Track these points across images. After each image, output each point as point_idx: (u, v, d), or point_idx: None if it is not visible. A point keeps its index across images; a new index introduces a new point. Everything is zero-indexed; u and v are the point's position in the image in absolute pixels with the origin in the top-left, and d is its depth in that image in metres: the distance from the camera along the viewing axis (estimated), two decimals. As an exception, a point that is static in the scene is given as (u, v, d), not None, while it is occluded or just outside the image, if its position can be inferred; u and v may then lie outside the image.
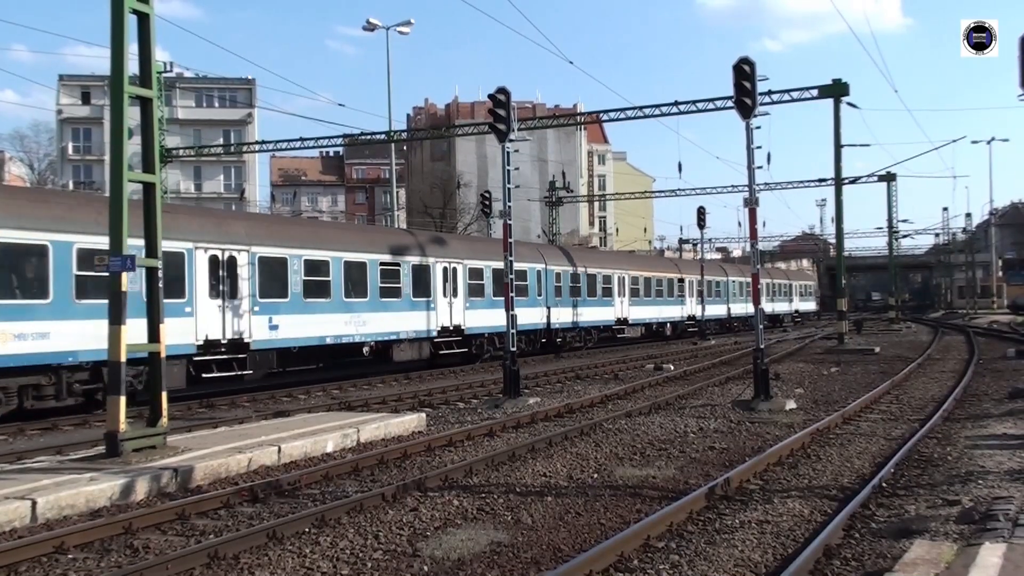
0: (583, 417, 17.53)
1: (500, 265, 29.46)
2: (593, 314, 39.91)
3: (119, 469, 11.23)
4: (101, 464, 11.60)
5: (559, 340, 37.12)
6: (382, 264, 26.87)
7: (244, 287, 22.12)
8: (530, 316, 33.77)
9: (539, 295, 34.91)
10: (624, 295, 42.97)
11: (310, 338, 24.01)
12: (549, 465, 12.49)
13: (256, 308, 22.35)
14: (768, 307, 60.32)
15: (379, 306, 26.58)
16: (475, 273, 31.45)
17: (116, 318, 12.23)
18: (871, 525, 8.88)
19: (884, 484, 10.61)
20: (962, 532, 8.17)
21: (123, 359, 12.15)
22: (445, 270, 29.90)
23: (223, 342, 21.52)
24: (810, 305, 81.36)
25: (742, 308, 59.24)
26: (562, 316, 36.95)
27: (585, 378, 26.30)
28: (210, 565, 7.92)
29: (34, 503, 9.51)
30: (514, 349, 20.35)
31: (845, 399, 19.53)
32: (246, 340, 22.06)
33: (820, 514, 9.52)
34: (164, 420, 12.92)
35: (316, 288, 24.23)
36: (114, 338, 12.18)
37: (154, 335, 13.08)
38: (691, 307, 51.45)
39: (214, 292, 21.29)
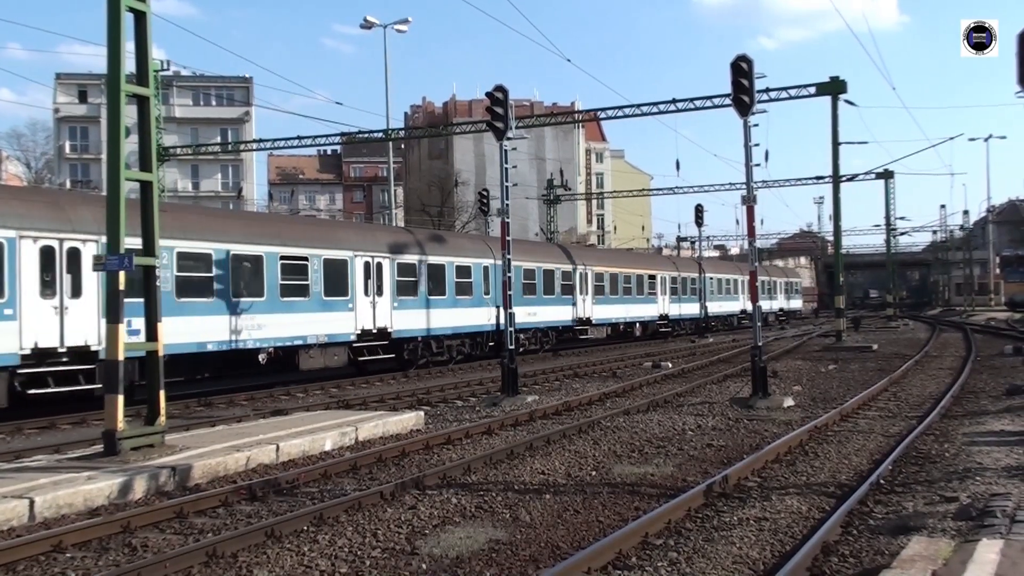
0: (581, 415, 17.53)
1: (438, 260, 29.77)
2: (551, 314, 36.50)
3: (117, 468, 11.22)
4: (99, 463, 11.59)
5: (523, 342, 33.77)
6: (284, 258, 23.33)
7: (89, 285, 18.25)
8: (474, 317, 31.22)
9: (486, 294, 31.86)
10: (587, 293, 39.69)
11: (185, 344, 20.12)
12: (547, 463, 12.49)
13: None
14: (743, 305, 59.20)
15: (280, 306, 23.16)
16: (406, 269, 27.90)
17: (114, 317, 12.22)
18: (869, 522, 8.89)
19: (882, 481, 10.62)
20: (959, 528, 8.18)
21: (121, 358, 12.15)
22: (367, 265, 26.37)
23: (61, 351, 17.82)
24: (795, 303, 78.25)
25: (719, 306, 56.93)
26: (518, 316, 31.85)
27: (583, 376, 26.30)
28: (208, 563, 7.92)
29: (32, 502, 9.51)
30: (511, 347, 20.34)
31: (843, 396, 19.55)
32: (93, 349, 18.10)
33: (818, 511, 9.53)
34: (162, 419, 12.91)
35: (194, 286, 20.89)
36: (111, 337, 12.17)
37: (151, 334, 13.08)
38: (663, 305, 48.42)
39: (48, 291, 17.68)
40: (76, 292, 18.14)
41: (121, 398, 12.09)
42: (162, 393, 13.03)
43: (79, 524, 9.12)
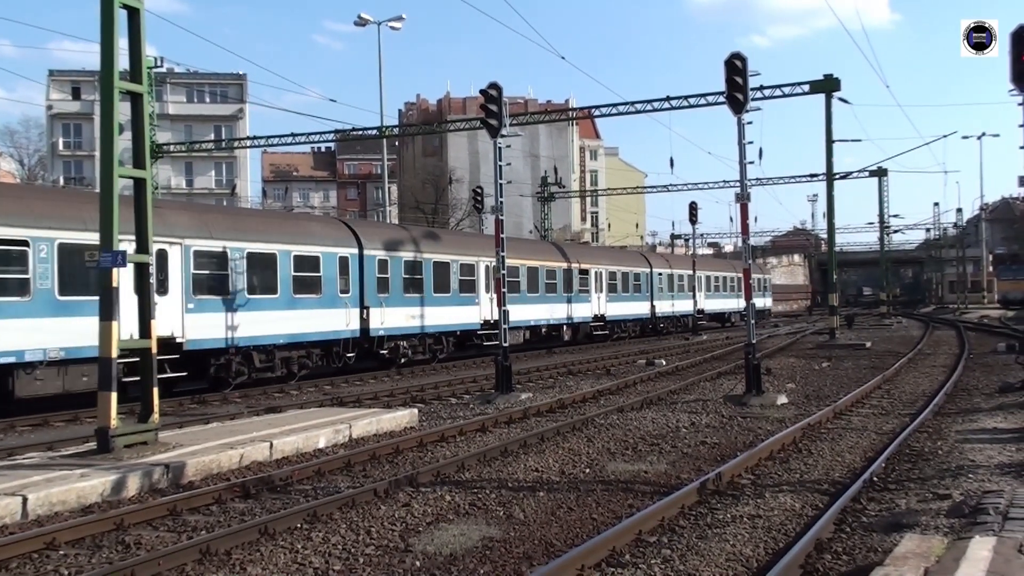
0: (575, 412, 17.54)
1: (254, 248, 22.72)
2: (446, 315, 30.38)
3: (110, 465, 11.20)
4: (92, 460, 11.58)
5: (386, 351, 27.61)
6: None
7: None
8: (328, 320, 24.95)
9: (343, 291, 25.57)
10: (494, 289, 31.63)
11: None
12: (541, 460, 12.50)
13: None
14: (700, 303, 53.87)
15: None
16: (206, 260, 21.23)
17: (107, 314, 12.20)
18: (862, 519, 8.90)
19: (875, 478, 10.64)
20: (952, 526, 8.20)
21: (114, 355, 12.13)
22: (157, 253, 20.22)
23: None
24: (763, 301, 69.10)
25: (670, 306, 50.76)
26: (394, 319, 27.60)
27: (577, 373, 26.31)
28: (202, 561, 7.91)
29: (25, 499, 9.49)
30: (506, 344, 20.33)
31: (836, 394, 19.58)
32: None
33: (811, 508, 9.55)
34: (155, 416, 12.89)
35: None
36: (105, 334, 12.15)
37: (145, 331, 13.05)
38: (598, 305, 42.19)
39: None
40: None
41: (114, 395, 12.07)
42: (155, 390, 13.01)
43: (72, 521, 9.10)
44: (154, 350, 13.12)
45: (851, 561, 7.58)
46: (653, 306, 48.07)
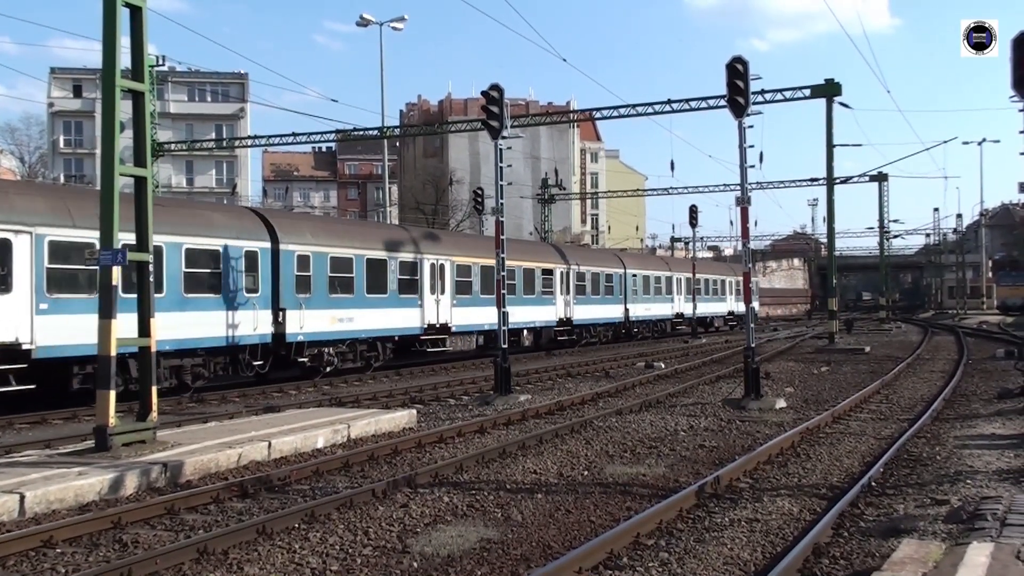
0: (574, 415, 17.54)
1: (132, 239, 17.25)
2: (381, 319, 26.80)
3: (108, 464, 11.20)
4: (90, 458, 11.57)
5: (306, 359, 24.16)
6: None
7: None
8: (228, 324, 21.58)
9: (251, 291, 22.35)
10: (442, 291, 29.92)
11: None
12: (539, 462, 12.49)
13: None
14: (679, 307, 51.65)
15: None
16: (66, 253, 18.00)
17: (106, 312, 12.20)
18: (860, 524, 8.90)
19: (873, 483, 10.64)
20: (950, 531, 8.20)
21: (113, 353, 12.12)
22: None
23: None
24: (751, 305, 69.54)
25: (646, 309, 47.38)
26: (317, 322, 24.24)
27: (576, 376, 26.30)
28: (199, 560, 7.90)
29: (22, 497, 9.48)
30: (505, 346, 20.32)
31: (835, 398, 19.58)
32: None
33: (809, 513, 9.54)
34: (154, 415, 12.88)
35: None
36: (104, 332, 12.14)
37: (144, 329, 13.05)
38: (563, 307, 38.61)
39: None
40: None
41: (113, 394, 12.08)
42: (154, 389, 13.00)
43: (69, 520, 9.10)
44: (153, 348, 13.11)
45: (849, 566, 7.58)
46: (627, 309, 44.72)
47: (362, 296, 26.06)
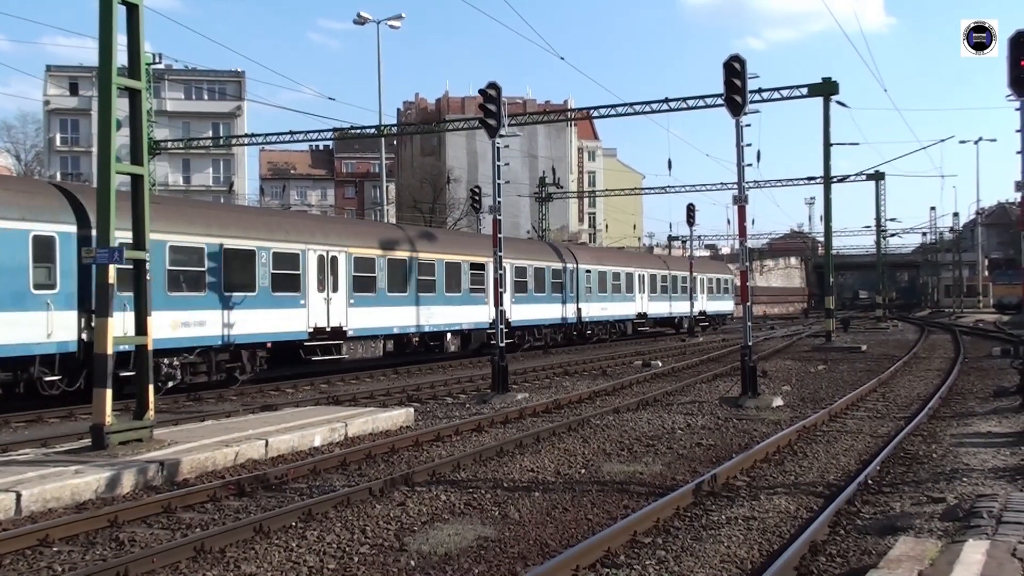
0: (571, 413, 17.55)
1: None
2: (250, 322, 22.35)
3: (105, 462, 11.19)
4: (87, 457, 11.56)
5: (171, 370, 20.33)
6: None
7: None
8: (10, 330, 17.06)
9: (45, 287, 17.77)
10: (331, 288, 24.99)
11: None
12: (537, 460, 12.50)
13: None
14: (641, 307, 46.62)
15: None
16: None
17: (103, 310, 12.19)
18: (856, 522, 8.92)
19: (870, 481, 10.66)
20: (946, 529, 8.21)
21: (110, 351, 12.11)
22: None
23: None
24: (724, 305, 60.05)
25: (602, 309, 42.61)
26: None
27: (573, 374, 26.31)
28: (196, 559, 7.90)
29: (19, 495, 9.48)
30: (502, 345, 20.33)
31: (832, 397, 19.60)
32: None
33: (806, 511, 9.56)
34: (151, 413, 12.87)
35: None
36: (101, 330, 12.13)
37: (141, 328, 13.04)
38: (493, 308, 28.10)
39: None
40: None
41: (110, 392, 12.07)
42: (151, 387, 13.00)
43: (66, 518, 9.10)
44: (150, 347, 13.10)
45: (845, 563, 7.59)
46: (579, 308, 39.79)
47: (219, 295, 21.67)
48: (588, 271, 41.15)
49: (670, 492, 10.07)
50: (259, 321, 22.66)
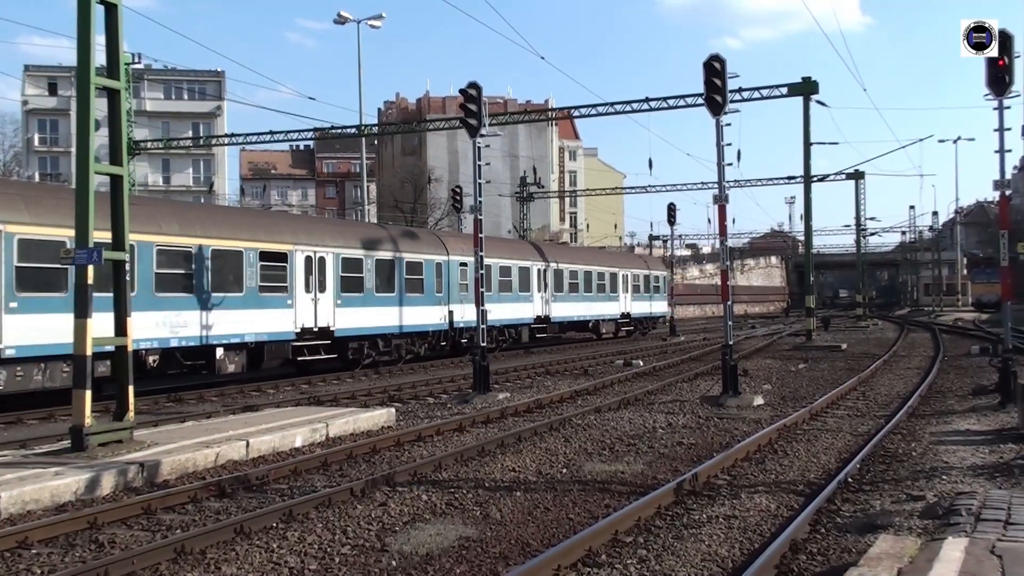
0: (552, 412, 17.55)
1: None
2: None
3: (85, 464, 11.11)
4: (66, 459, 11.48)
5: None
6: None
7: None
8: None
9: None
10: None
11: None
12: (518, 460, 12.50)
13: None
14: (539, 310, 37.92)
15: None
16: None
17: (82, 311, 12.10)
18: (837, 520, 8.97)
19: (850, 480, 10.72)
20: (926, 527, 8.27)
21: (89, 352, 12.03)
22: None
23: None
24: (658, 306, 52.21)
25: (512, 311, 35.59)
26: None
27: (555, 373, 26.32)
28: (176, 560, 7.86)
29: (-3, 498, 9.39)
30: (484, 344, 20.32)
31: (812, 395, 19.70)
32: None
33: (787, 509, 9.60)
34: (131, 414, 12.79)
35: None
36: (80, 331, 12.05)
37: (121, 329, 12.96)
38: (319, 311, 25.07)
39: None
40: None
41: (89, 393, 11.98)
42: (131, 388, 12.92)
43: (45, 520, 9.02)
44: (130, 348, 13.03)
45: (825, 562, 7.63)
46: (451, 311, 31.80)
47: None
48: (463, 264, 32.32)
49: (651, 491, 10.09)
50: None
